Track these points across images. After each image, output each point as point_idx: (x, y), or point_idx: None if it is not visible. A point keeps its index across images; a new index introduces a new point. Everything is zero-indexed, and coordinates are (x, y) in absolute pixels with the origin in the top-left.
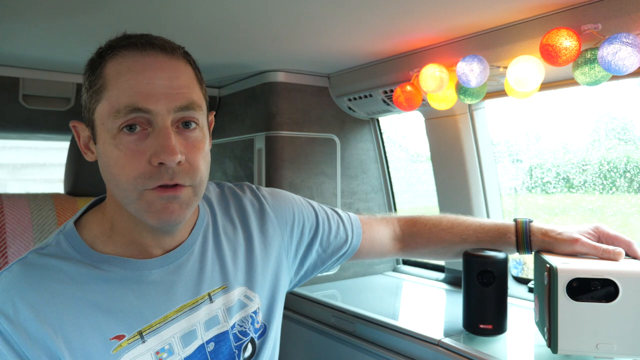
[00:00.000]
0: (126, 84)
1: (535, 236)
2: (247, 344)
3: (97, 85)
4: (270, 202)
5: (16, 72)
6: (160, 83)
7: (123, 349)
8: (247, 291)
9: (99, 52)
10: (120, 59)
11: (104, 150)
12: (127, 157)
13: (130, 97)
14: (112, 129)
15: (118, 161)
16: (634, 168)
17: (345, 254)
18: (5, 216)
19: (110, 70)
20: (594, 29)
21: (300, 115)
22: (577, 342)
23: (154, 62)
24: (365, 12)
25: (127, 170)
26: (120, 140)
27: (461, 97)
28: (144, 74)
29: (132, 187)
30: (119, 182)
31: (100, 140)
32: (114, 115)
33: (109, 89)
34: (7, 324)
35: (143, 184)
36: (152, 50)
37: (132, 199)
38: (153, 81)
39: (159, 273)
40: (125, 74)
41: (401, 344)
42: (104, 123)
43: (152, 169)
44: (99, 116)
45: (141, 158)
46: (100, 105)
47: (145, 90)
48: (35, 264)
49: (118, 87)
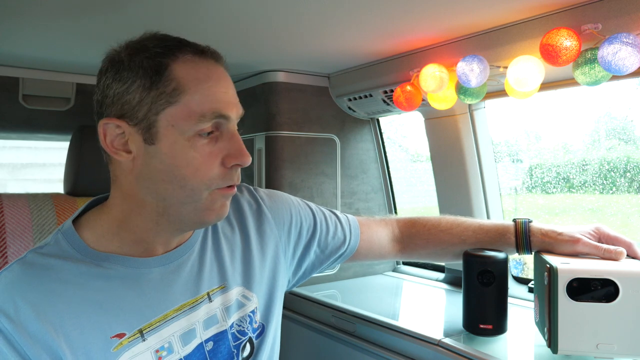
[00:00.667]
0: (208, 90)
1: (535, 236)
2: (246, 344)
3: (168, 87)
4: (268, 203)
5: (16, 72)
6: (231, 93)
7: (123, 347)
8: (245, 291)
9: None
10: (193, 64)
11: (171, 151)
12: (203, 158)
13: (214, 104)
14: (188, 131)
15: (192, 162)
16: (634, 168)
17: (343, 255)
18: (5, 216)
19: (183, 73)
20: (594, 29)
21: (300, 115)
22: (577, 342)
23: (222, 72)
24: (365, 12)
25: (203, 170)
26: (195, 142)
27: (461, 97)
28: (220, 82)
29: (205, 186)
30: (187, 182)
31: (166, 141)
32: (198, 119)
33: (187, 93)
34: (7, 323)
35: (216, 184)
36: (215, 60)
37: (199, 198)
38: (227, 90)
39: (159, 272)
40: (205, 81)
41: (401, 344)
42: (176, 125)
43: (224, 170)
44: (169, 117)
45: (215, 160)
46: (174, 108)
47: (225, 99)
48: (35, 263)
49: (200, 93)
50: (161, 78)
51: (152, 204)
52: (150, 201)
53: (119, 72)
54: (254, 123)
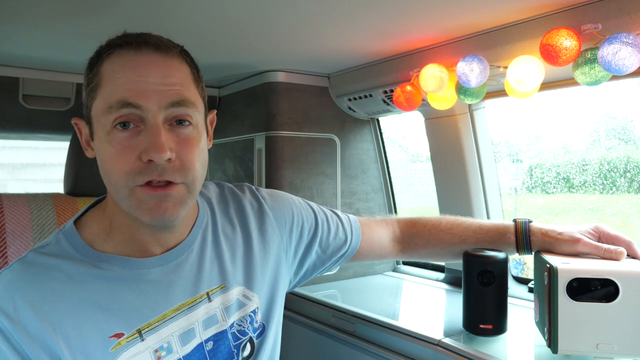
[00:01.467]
0: (119, 80)
1: (535, 236)
2: (246, 344)
3: (93, 83)
4: (270, 203)
5: (16, 72)
6: (152, 80)
7: (122, 347)
8: (246, 291)
9: (97, 51)
10: (116, 57)
11: (98, 146)
12: (119, 152)
13: (122, 93)
14: (106, 125)
15: (110, 157)
16: (634, 168)
17: (344, 255)
18: (5, 216)
19: (105, 68)
20: (594, 29)
21: (300, 115)
22: (577, 342)
23: (147, 59)
24: (365, 12)
25: (118, 165)
26: (113, 136)
27: (461, 97)
28: (136, 70)
29: (123, 182)
30: (111, 178)
31: (96, 137)
32: (107, 110)
33: (103, 85)
34: (7, 321)
35: (133, 180)
36: (147, 48)
37: (124, 196)
38: (145, 78)
39: (158, 272)
40: (118, 71)
41: (401, 344)
42: (99, 120)
43: (141, 165)
44: (95, 113)
45: (132, 154)
46: (96, 102)
47: (137, 87)
48: (35, 262)
49: (111, 84)
50: (92, 76)
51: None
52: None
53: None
54: (254, 123)
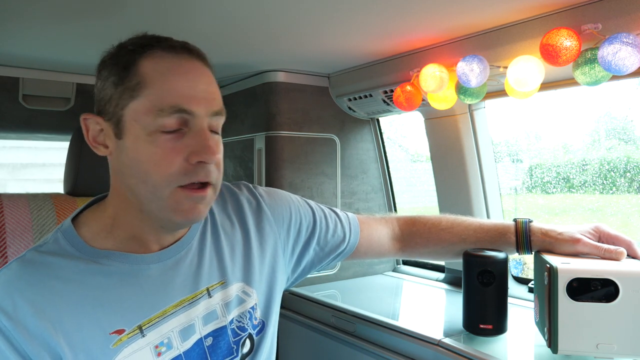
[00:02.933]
0: (169, 84)
1: (536, 236)
2: (245, 340)
3: (131, 82)
4: (267, 201)
5: (16, 72)
6: (201, 87)
7: (123, 343)
8: (245, 287)
9: (128, 49)
10: (158, 59)
11: (134, 145)
12: (164, 153)
13: (175, 98)
14: (149, 126)
15: (153, 157)
16: (634, 168)
17: (342, 252)
18: (5, 216)
19: (147, 68)
20: (594, 29)
21: (300, 115)
22: (577, 342)
23: (193, 67)
24: (365, 12)
25: (163, 166)
26: (156, 137)
27: (461, 97)
28: (186, 76)
29: (166, 183)
30: (149, 178)
31: (130, 136)
32: (156, 113)
33: (148, 87)
34: (6, 320)
35: (177, 181)
36: (189, 55)
37: (162, 196)
38: (195, 85)
39: (158, 268)
40: (167, 75)
41: (401, 344)
42: (138, 120)
43: (188, 166)
44: (132, 112)
45: (178, 156)
46: (136, 102)
47: (189, 93)
48: (34, 261)
49: (161, 87)
50: (128, 74)
51: (131, 199)
52: (129, 197)
53: (101, 70)
54: (254, 123)
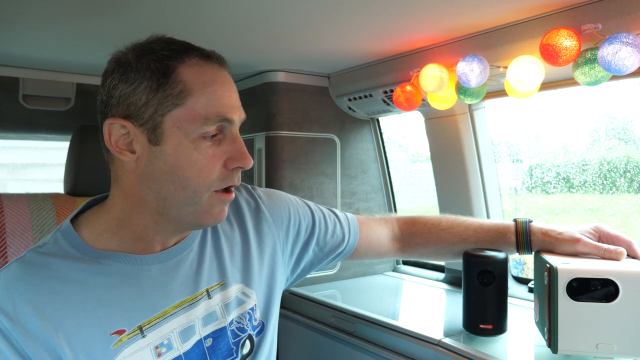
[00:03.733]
0: (214, 94)
1: (536, 236)
2: (245, 341)
3: (175, 89)
4: (266, 202)
5: (16, 72)
6: (235, 97)
7: (123, 344)
8: (244, 288)
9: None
10: (199, 68)
11: (176, 152)
12: (207, 160)
13: (219, 108)
14: (192, 133)
15: (196, 164)
16: (634, 168)
17: (341, 253)
18: (5, 216)
19: (189, 77)
20: (594, 29)
21: (300, 115)
22: (577, 342)
23: (227, 77)
24: (365, 12)
25: (205, 172)
26: (199, 144)
27: (461, 97)
28: (225, 86)
29: (206, 188)
30: (189, 184)
31: (171, 143)
32: (203, 122)
33: (193, 95)
34: (6, 321)
35: (215, 186)
36: (220, 64)
37: (199, 200)
38: (232, 94)
39: (158, 268)
40: (210, 85)
41: (401, 344)
42: (181, 127)
43: (225, 171)
44: (174, 119)
45: (218, 162)
46: (180, 110)
47: (229, 103)
48: (34, 262)
49: (206, 97)
50: (168, 80)
51: (153, 203)
52: (151, 201)
53: (126, 73)
54: (254, 123)
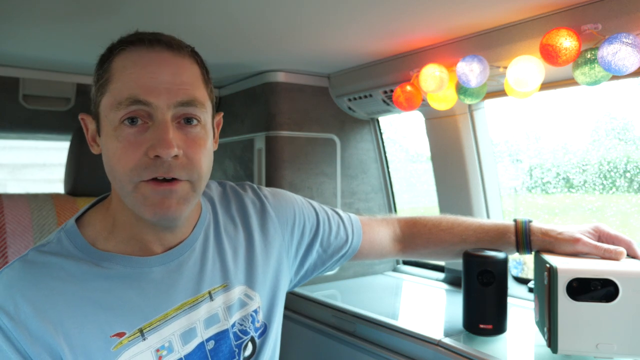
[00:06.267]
0: (129, 77)
1: (535, 236)
2: (248, 343)
3: (103, 79)
4: (272, 202)
5: (16, 72)
6: (163, 78)
7: (123, 347)
8: (248, 290)
9: (109, 48)
10: (127, 53)
11: (105, 142)
12: (125, 148)
13: (132, 90)
14: (113, 120)
15: (116, 152)
16: (634, 168)
17: (345, 254)
18: (5, 216)
19: (116, 64)
20: (594, 29)
21: (300, 115)
22: (577, 342)
23: (158, 57)
24: (365, 12)
25: (124, 161)
26: (120, 132)
27: (461, 97)
28: (147, 67)
29: (128, 178)
30: (116, 174)
31: (103, 133)
32: (116, 107)
33: (113, 81)
34: (7, 320)
35: (138, 175)
36: (159, 46)
37: (128, 191)
38: (156, 76)
39: (160, 271)
40: (129, 68)
41: (401, 344)
42: (107, 115)
43: (147, 160)
44: (103, 109)
45: (138, 150)
46: (105, 98)
47: (148, 84)
48: (36, 261)
49: (122, 80)
50: (102, 71)
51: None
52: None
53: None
54: (254, 123)
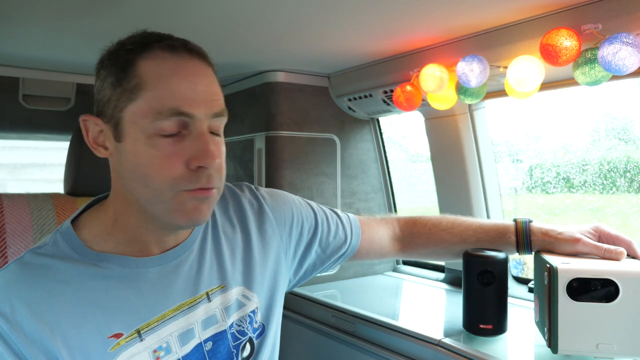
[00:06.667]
0: (169, 86)
1: (536, 236)
2: (246, 344)
3: (130, 84)
4: (269, 202)
5: (16, 72)
6: (200, 89)
7: (121, 347)
8: (245, 291)
9: (126, 48)
10: (159, 59)
11: (134, 149)
12: (165, 157)
13: (174, 101)
14: (147, 128)
15: (154, 161)
16: (634, 168)
17: (344, 254)
18: (5, 216)
19: (146, 69)
20: (594, 29)
21: (300, 115)
22: (577, 342)
23: (194, 67)
24: (365, 12)
25: (164, 171)
26: (156, 140)
27: (461, 97)
28: (186, 78)
29: (168, 187)
30: (150, 182)
31: (129, 139)
32: (154, 116)
33: (148, 89)
34: (4, 323)
35: (179, 185)
36: (189, 55)
37: (165, 199)
38: (195, 87)
39: (157, 271)
40: (167, 77)
41: (401, 344)
42: (138, 122)
43: (189, 172)
44: (130, 114)
45: (178, 160)
46: (135, 104)
47: (189, 95)
48: (32, 263)
49: (160, 89)
50: (126, 75)
51: (132, 201)
52: (130, 199)
53: (100, 70)
54: (254, 123)
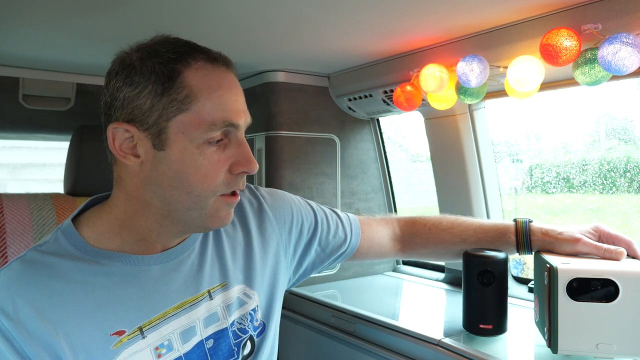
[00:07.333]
0: (219, 99)
1: (536, 236)
2: (246, 342)
3: (180, 94)
4: (269, 202)
5: (16, 72)
6: (241, 100)
7: (123, 345)
8: (246, 289)
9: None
10: (204, 71)
11: (181, 157)
12: (213, 165)
13: (225, 113)
14: (197, 138)
15: (201, 169)
16: (634, 168)
17: (343, 253)
18: (5, 216)
19: (194, 81)
20: (594, 29)
21: (300, 115)
22: (577, 342)
23: (232, 79)
24: (365, 12)
25: (210, 177)
26: (205, 149)
27: (461, 97)
28: (231, 90)
29: (211, 193)
30: (194, 189)
31: (175, 148)
32: (208, 127)
33: (198, 100)
34: (6, 321)
35: (220, 191)
36: (227, 67)
37: (204, 205)
38: (237, 98)
39: (159, 269)
40: (216, 89)
41: (401, 344)
42: (186, 132)
43: (231, 177)
44: (179, 124)
45: (223, 167)
46: (185, 115)
47: (235, 107)
48: (34, 261)
49: (211, 101)
50: (173, 84)
51: (157, 206)
52: (156, 204)
53: (130, 76)
54: (254, 123)
